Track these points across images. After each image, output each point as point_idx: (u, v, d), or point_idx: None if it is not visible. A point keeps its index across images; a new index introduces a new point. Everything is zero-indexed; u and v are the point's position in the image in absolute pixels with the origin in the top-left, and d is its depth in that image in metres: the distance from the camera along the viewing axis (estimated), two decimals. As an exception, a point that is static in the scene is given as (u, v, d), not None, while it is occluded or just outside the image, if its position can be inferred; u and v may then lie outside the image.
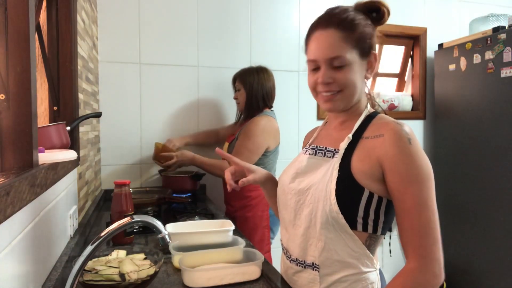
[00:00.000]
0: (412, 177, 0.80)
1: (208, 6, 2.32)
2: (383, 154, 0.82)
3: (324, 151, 0.94)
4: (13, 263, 0.66)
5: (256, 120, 1.92)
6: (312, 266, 0.89)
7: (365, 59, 0.90)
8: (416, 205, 0.79)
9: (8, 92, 0.72)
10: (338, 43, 0.87)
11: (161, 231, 0.79)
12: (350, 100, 0.91)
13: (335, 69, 0.88)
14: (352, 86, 0.89)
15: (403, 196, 0.80)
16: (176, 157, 1.94)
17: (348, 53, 0.87)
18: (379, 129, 0.86)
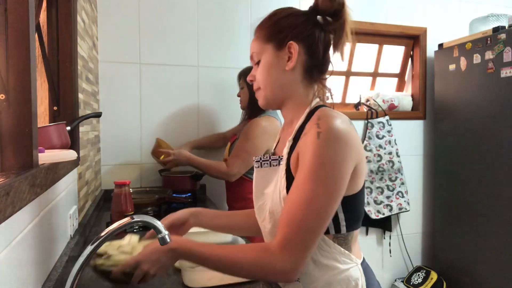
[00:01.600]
0: (308, 173, 0.75)
1: (208, 6, 2.32)
2: (301, 150, 0.80)
3: (269, 161, 0.91)
4: (13, 263, 0.66)
5: (257, 121, 1.91)
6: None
7: (281, 51, 0.87)
8: (301, 201, 0.74)
9: (8, 92, 0.72)
10: (254, 41, 0.92)
11: (161, 231, 0.79)
12: (271, 96, 0.90)
13: (256, 67, 0.92)
14: (267, 79, 0.89)
15: (294, 190, 0.77)
16: (174, 155, 1.94)
17: (260, 48, 0.89)
18: (309, 126, 0.81)
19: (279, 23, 0.88)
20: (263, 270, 0.74)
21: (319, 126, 0.77)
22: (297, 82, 0.89)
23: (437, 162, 2.75)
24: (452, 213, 2.61)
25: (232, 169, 1.85)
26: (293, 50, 0.86)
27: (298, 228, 0.73)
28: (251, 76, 0.94)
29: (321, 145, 0.75)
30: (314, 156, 0.75)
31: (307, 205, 0.74)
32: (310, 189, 0.74)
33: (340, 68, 2.79)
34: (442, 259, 2.69)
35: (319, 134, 0.76)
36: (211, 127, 2.35)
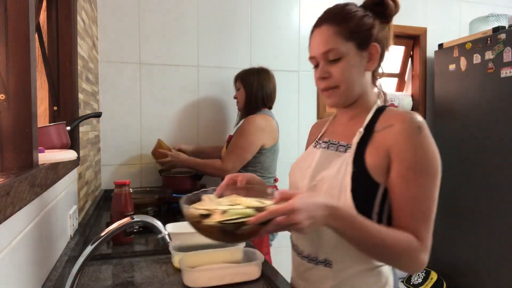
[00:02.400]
0: (420, 167, 0.79)
1: (208, 6, 2.32)
2: (392, 143, 0.81)
3: (337, 145, 0.92)
4: (13, 263, 0.66)
5: (252, 118, 1.92)
6: (324, 263, 0.87)
7: (364, 51, 0.88)
8: (421, 195, 0.78)
9: (8, 92, 0.72)
10: (331, 37, 0.87)
11: (161, 231, 0.79)
12: (349, 94, 0.89)
13: (331, 64, 0.87)
14: (349, 79, 0.87)
15: (408, 184, 0.79)
16: (171, 156, 1.96)
17: (342, 45, 0.86)
18: (389, 120, 0.84)
19: (361, 22, 0.87)
20: (410, 261, 0.78)
21: (417, 120, 0.81)
22: (369, 82, 0.92)
23: (437, 162, 2.75)
24: (452, 213, 2.61)
25: (227, 164, 1.87)
26: (375, 52, 0.88)
27: (428, 222, 0.79)
28: (326, 72, 0.88)
29: (425, 138, 0.80)
30: (421, 149, 0.79)
31: (429, 200, 0.79)
32: (424, 182, 0.79)
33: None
34: (442, 259, 2.69)
35: (420, 128, 0.80)
36: (211, 127, 2.35)
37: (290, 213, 0.68)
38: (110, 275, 1.07)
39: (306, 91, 2.53)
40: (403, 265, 0.79)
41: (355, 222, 0.75)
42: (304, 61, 2.51)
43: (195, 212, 0.73)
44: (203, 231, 0.73)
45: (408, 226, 0.79)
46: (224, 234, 0.71)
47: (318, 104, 2.56)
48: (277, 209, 0.69)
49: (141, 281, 1.02)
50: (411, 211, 0.79)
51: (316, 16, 0.93)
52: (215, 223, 0.70)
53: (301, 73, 2.52)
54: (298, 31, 2.49)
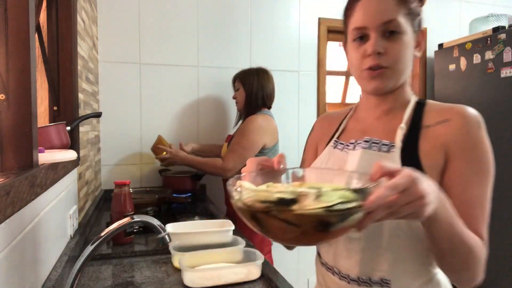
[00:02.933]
0: (480, 165, 0.73)
1: (208, 6, 2.32)
2: (450, 140, 0.73)
3: (379, 144, 0.78)
4: (13, 263, 0.66)
5: (252, 118, 1.93)
6: (380, 283, 0.75)
7: (416, 33, 0.78)
8: (481, 194, 0.72)
9: (8, 92, 0.72)
10: (393, 6, 0.74)
11: (161, 231, 0.79)
12: (399, 78, 0.78)
13: (388, 39, 0.74)
14: (403, 60, 0.76)
15: (469, 184, 0.72)
16: (170, 153, 1.95)
17: (403, 19, 0.74)
18: (442, 115, 0.76)
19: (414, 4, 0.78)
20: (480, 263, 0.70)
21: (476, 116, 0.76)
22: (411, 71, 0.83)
23: (437, 162, 2.75)
24: (452, 213, 2.60)
25: (228, 163, 1.87)
26: (421, 38, 0.80)
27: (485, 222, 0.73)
28: (381, 47, 0.74)
29: (484, 135, 0.74)
30: (482, 147, 0.73)
31: (487, 200, 0.73)
32: (485, 182, 0.73)
33: (340, 68, 2.80)
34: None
35: (479, 123, 0.75)
36: (211, 127, 2.35)
37: (411, 185, 0.52)
38: (110, 275, 1.07)
39: (306, 91, 2.53)
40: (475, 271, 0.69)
41: (456, 218, 0.65)
42: (304, 61, 2.51)
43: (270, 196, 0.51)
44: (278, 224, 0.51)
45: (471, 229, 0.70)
46: (317, 228, 0.50)
47: (318, 104, 2.56)
48: (395, 182, 0.51)
49: (141, 281, 1.02)
50: (473, 212, 0.71)
51: (316, 16, 0.93)
52: (318, 211, 0.48)
53: (301, 73, 2.52)
54: (298, 31, 2.49)
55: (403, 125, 0.77)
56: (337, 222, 0.50)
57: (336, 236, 0.54)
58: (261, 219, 0.53)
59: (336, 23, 2.50)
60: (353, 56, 0.80)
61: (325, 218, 0.49)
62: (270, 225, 0.52)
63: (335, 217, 0.49)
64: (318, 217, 0.49)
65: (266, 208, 0.51)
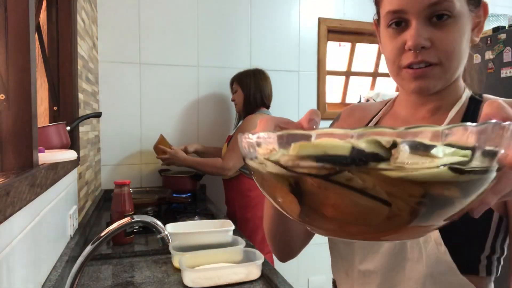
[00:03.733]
0: None
1: (208, 6, 2.32)
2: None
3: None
4: (13, 263, 0.66)
5: (251, 117, 1.95)
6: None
7: (473, 12, 0.58)
8: None
9: (8, 92, 0.72)
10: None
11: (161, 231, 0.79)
12: (453, 75, 0.59)
13: (435, 25, 0.56)
14: (459, 52, 0.56)
15: None
16: (170, 154, 1.96)
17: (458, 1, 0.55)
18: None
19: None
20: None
21: None
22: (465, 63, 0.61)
23: (437, 162, 2.74)
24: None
25: (228, 162, 1.87)
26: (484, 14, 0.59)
27: None
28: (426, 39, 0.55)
29: None
30: None
31: None
32: None
33: (340, 68, 2.80)
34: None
35: None
36: (211, 126, 2.35)
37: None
38: (110, 275, 1.07)
39: (306, 91, 2.53)
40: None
41: None
42: (304, 61, 2.51)
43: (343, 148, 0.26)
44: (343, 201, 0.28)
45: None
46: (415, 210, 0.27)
47: (318, 104, 2.56)
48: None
49: (141, 281, 1.02)
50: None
51: (316, 16, 0.93)
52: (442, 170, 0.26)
53: (301, 73, 2.52)
54: (298, 31, 2.49)
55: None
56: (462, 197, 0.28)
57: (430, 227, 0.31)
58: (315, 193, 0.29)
59: (336, 23, 2.50)
60: (388, 46, 0.60)
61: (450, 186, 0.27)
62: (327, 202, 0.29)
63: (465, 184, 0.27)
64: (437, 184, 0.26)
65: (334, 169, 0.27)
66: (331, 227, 0.31)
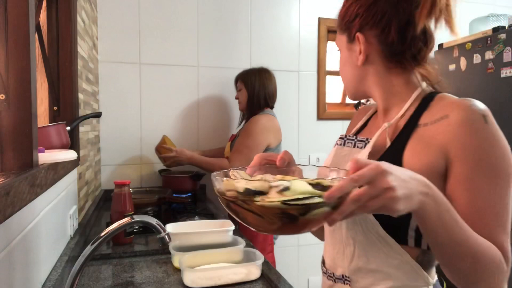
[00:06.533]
0: (490, 166, 0.62)
1: (208, 6, 2.32)
2: (450, 139, 0.64)
3: (354, 140, 0.78)
4: (13, 263, 0.66)
5: (256, 119, 1.93)
6: (342, 279, 0.73)
7: (353, 43, 0.77)
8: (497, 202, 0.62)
9: (8, 92, 0.72)
10: (338, 32, 0.83)
11: (161, 231, 0.79)
12: (352, 91, 0.82)
13: None
14: (343, 74, 0.83)
15: (478, 190, 0.62)
16: (176, 152, 1.94)
17: (338, 39, 0.82)
18: (441, 110, 0.67)
19: (348, 11, 0.77)
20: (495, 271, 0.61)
21: (479, 108, 0.64)
22: (380, 72, 0.76)
23: (437, 162, 2.74)
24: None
25: (234, 164, 1.87)
26: (361, 42, 0.74)
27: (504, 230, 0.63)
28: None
29: (492, 130, 0.63)
30: (490, 144, 0.62)
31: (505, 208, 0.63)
32: (500, 187, 0.62)
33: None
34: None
35: (486, 117, 0.63)
36: (211, 127, 2.35)
37: (376, 177, 0.50)
38: (110, 275, 1.07)
39: (306, 91, 2.53)
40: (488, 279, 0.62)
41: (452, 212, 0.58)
42: (304, 61, 2.51)
43: (239, 187, 0.53)
44: (247, 213, 0.54)
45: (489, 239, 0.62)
46: (285, 219, 0.52)
47: (318, 104, 2.56)
48: (359, 173, 0.50)
49: (141, 281, 1.02)
50: (487, 223, 0.62)
51: (316, 16, 0.93)
52: (276, 204, 0.50)
53: (301, 73, 2.52)
54: (298, 31, 2.49)
55: (386, 124, 0.73)
56: (300, 215, 0.51)
57: (307, 227, 0.55)
58: (233, 208, 0.56)
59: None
60: None
61: (285, 211, 0.51)
62: (242, 214, 0.55)
63: (295, 210, 0.51)
64: (277, 209, 0.51)
65: (234, 197, 0.54)
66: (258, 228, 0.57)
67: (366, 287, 0.70)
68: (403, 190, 0.51)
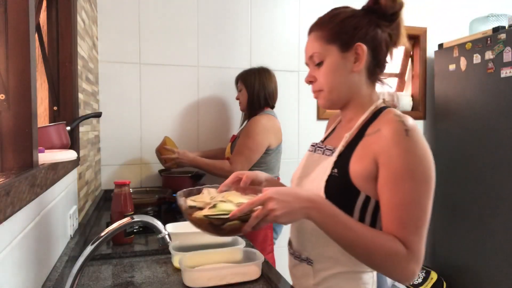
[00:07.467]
0: (408, 172, 0.75)
1: (208, 6, 2.32)
2: (379, 148, 0.78)
3: (324, 149, 0.93)
4: (13, 263, 0.66)
5: (257, 119, 1.92)
6: (306, 261, 0.89)
7: (347, 52, 0.86)
8: (410, 201, 0.74)
9: (8, 92, 0.72)
10: (314, 41, 0.89)
11: (161, 231, 0.79)
12: (333, 97, 0.89)
13: (317, 68, 0.90)
14: (331, 82, 0.88)
15: (395, 191, 0.75)
16: (178, 154, 1.94)
17: (323, 48, 0.87)
18: (378, 124, 0.82)
19: (344, 24, 0.86)
20: (396, 268, 0.74)
21: (405, 123, 0.77)
22: (362, 82, 0.89)
23: (437, 162, 2.72)
24: (452, 213, 2.61)
25: (236, 166, 1.87)
26: (361, 52, 0.86)
27: (418, 231, 0.75)
28: (311, 77, 0.92)
29: (413, 142, 0.76)
30: (408, 154, 0.75)
31: (418, 208, 0.75)
32: (413, 189, 0.75)
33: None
34: (442, 259, 2.69)
35: (407, 131, 0.76)
36: (211, 126, 2.35)
37: (264, 202, 0.71)
38: (110, 275, 1.07)
39: (306, 91, 2.53)
40: (389, 271, 0.76)
41: (337, 218, 0.74)
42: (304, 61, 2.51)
43: (184, 204, 0.78)
44: (194, 223, 0.76)
45: (396, 234, 0.75)
46: (212, 227, 0.74)
47: (318, 104, 2.56)
48: (252, 200, 0.72)
49: (141, 281, 1.02)
50: (399, 218, 0.75)
51: (316, 16, 0.94)
52: (202, 217, 0.73)
53: (301, 73, 2.52)
54: (298, 31, 2.49)
55: (348, 134, 0.87)
56: (219, 225, 0.72)
57: (230, 233, 0.75)
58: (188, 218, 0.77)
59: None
60: None
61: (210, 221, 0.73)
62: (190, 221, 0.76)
63: (216, 221, 0.72)
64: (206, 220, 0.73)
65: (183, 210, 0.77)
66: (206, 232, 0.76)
67: (324, 269, 0.86)
68: (283, 209, 0.71)
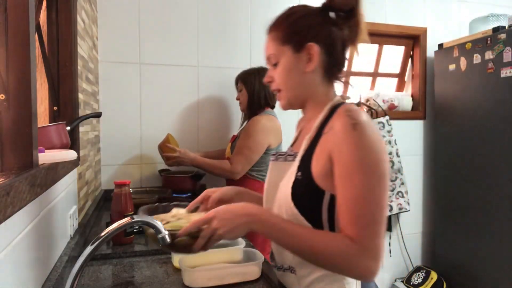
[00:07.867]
0: (356, 166, 0.74)
1: (208, 6, 2.32)
2: (332, 145, 0.77)
3: (285, 155, 0.92)
4: (13, 263, 0.66)
5: (256, 119, 1.92)
6: (289, 269, 0.88)
7: (300, 52, 0.86)
8: (360, 196, 0.73)
9: (8, 92, 0.72)
10: (269, 43, 0.91)
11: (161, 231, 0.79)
12: (291, 97, 0.91)
13: (274, 68, 0.91)
14: (287, 82, 0.89)
15: (345, 185, 0.75)
16: (179, 153, 1.94)
17: (278, 49, 0.88)
18: (332, 121, 0.81)
19: (296, 24, 0.87)
20: (347, 265, 0.74)
21: (353, 117, 0.76)
22: (318, 81, 0.89)
23: (437, 162, 2.75)
24: (452, 213, 2.61)
25: (236, 166, 1.87)
26: (313, 52, 0.85)
27: (371, 226, 0.73)
28: (269, 77, 0.93)
29: (360, 135, 0.75)
30: (356, 147, 0.74)
31: (370, 201, 0.73)
32: (363, 182, 0.73)
33: (340, 68, 2.79)
34: (442, 259, 2.69)
35: (355, 125, 0.75)
36: (211, 127, 2.35)
37: (208, 221, 0.75)
38: (110, 275, 1.07)
39: (306, 91, 2.53)
40: (342, 270, 0.76)
41: (279, 226, 0.76)
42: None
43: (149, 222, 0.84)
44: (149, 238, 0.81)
45: (347, 229, 0.74)
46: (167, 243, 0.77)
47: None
48: (197, 219, 0.76)
49: (141, 281, 1.02)
50: (349, 213, 0.74)
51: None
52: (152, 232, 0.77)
53: (301, 73, 2.51)
54: (298, 31, 2.49)
55: (307, 137, 0.86)
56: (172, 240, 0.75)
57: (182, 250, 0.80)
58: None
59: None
60: None
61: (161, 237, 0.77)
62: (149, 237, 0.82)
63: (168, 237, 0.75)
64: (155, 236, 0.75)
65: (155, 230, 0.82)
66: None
67: (307, 275, 0.85)
68: (225, 227, 0.75)
